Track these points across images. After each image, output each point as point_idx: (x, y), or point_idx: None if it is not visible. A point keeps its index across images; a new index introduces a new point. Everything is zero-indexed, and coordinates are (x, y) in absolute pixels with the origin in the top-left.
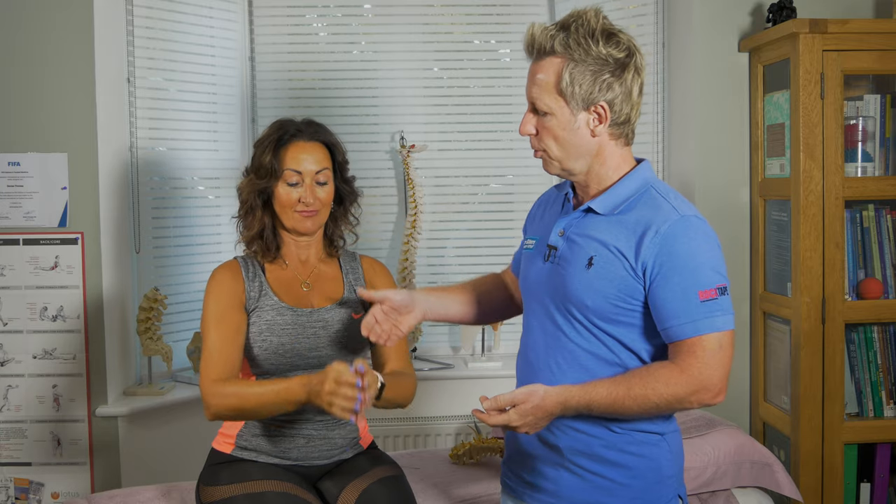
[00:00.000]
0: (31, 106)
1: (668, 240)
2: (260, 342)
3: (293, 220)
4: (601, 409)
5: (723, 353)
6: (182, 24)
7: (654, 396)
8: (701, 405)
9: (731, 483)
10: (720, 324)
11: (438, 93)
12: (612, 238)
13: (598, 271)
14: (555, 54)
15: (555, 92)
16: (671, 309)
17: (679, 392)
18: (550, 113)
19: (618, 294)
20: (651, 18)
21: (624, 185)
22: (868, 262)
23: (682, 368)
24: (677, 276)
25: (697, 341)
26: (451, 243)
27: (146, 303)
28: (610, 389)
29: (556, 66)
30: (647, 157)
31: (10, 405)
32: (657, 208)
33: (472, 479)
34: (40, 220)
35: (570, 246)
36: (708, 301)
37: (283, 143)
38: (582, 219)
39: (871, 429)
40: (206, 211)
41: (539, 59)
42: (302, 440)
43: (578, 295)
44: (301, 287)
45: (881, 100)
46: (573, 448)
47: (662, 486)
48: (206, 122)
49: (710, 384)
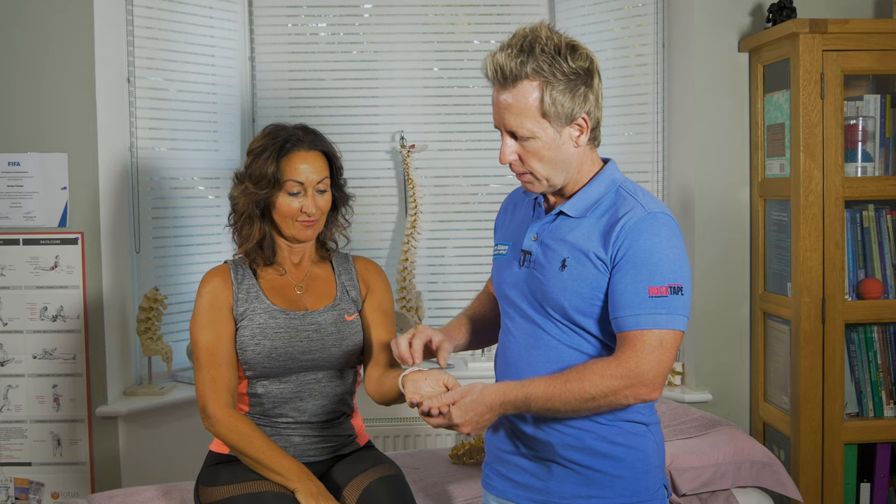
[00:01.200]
0: (31, 106)
1: (633, 234)
2: (253, 346)
3: (294, 230)
4: (539, 404)
5: (662, 350)
6: (182, 24)
7: (590, 388)
8: (637, 400)
9: (731, 483)
10: (663, 321)
11: (438, 93)
12: (583, 240)
13: (571, 272)
14: (528, 78)
15: (538, 115)
16: (620, 300)
17: (615, 384)
18: (533, 137)
19: (590, 292)
20: (651, 18)
21: (593, 187)
22: (868, 262)
23: (619, 361)
24: (633, 269)
25: (639, 335)
26: (451, 243)
27: (146, 303)
28: (547, 383)
29: (533, 89)
30: (646, 158)
31: (10, 405)
32: (625, 205)
33: (472, 479)
34: (40, 220)
35: (545, 250)
36: (656, 297)
37: (284, 152)
38: (554, 222)
39: (871, 429)
40: (206, 211)
41: (510, 86)
42: (298, 438)
43: (555, 296)
44: (295, 290)
45: (881, 100)
46: (565, 443)
47: (650, 476)
48: (205, 121)
49: (646, 379)
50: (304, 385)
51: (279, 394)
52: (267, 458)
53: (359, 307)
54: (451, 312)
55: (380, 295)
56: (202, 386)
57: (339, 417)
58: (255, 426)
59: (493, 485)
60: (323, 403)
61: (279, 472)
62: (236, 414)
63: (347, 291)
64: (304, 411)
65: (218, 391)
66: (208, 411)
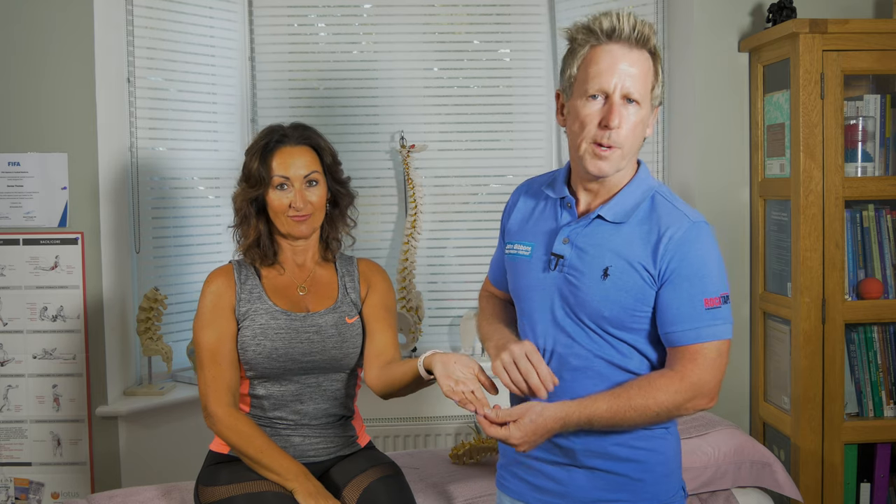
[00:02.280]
0: (31, 106)
1: (683, 246)
2: (254, 346)
3: (287, 226)
4: (602, 423)
5: (720, 360)
6: (182, 24)
7: (654, 406)
8: (696, 411)
9: (731, 483)
10: (721, 332)
11: (438, 93)
12: (627, 247)
13: (616, 282)
14: (648, 50)
15: (648, 88)
16: (676, 314)
17: (678, 399)
18: (639, 104)
19: (634, 303)
20: (651, 19)
21: (630, 191)
22: (868, 262)
23: (681, 376)
24: (686, 282)
25: (699, 348)
26: (451, 243)
27: (146, 303)
28: (610, 403)
29: (649, 62)
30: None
31: (10, 405)
32: (668, 214)
33: (472, 479)
34: (40, 220)
35: (580, 255)
36: (712, 309)
37: (269, 149)
38: (589, 226)
39: (871, 429)
40: (206, 211)
41: (637, 48)
42: (298, 439)
43: (595, 305)
44: (297, 291)
45: (881, 100)
46: (588, 450)
47: (670, 478)
48: (205, 122)
49: (707, 390)
50: (305, 387)
51: (280, 395)
52: (266, 458)
53: (359, 309)
54: (451, 312)
55: (381, 292)
56: (204, 385)
57: (340, 420)
58: (256, 426)
59: (508, 486)
60: (323, 406)
61: (277, 472)
62: (237, 413)
63: (348, 293)
64: (305, 413)
65: (219, 390)
66: (210, 410)
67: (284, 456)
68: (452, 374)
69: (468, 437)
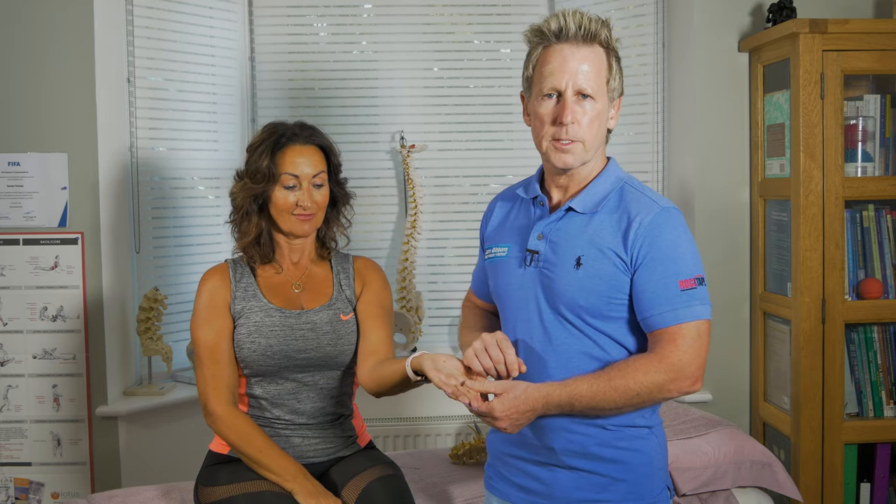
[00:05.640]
0: (31, 106)
1: (653, 230)
2: (248, 343)
3: (290, 224)
4: (584, 404)
5: (700, 341)
6: (182, 24)
7: (634, 385)
8: (680, 393)
9: (731, 483)
10: (699, 312)
11: (438, 93)
12: (598, 236)
13: (589, 270)
14: (599, 43)
15: (603, 81)
16: (652, 298)
17: (658, 379)
18: (595, 99)
19: (609, 290)
20: (651, 18)
21: (599, 183)
22: (868, 262)
23: (661, 357)
24: (660, 265)
25: (677, 329)
26: (451, 243)
27: (146, 303)
28: (591, 383)
29: (602, 56)
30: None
31: (10, 405)
32: (637, 202)
33: (472, 479)
34: (40, 220)
35: (554, 248)
36: (688, 290)
37: (279, 146)
38: (561, 220)
39: (871, 429)
40: (206, 211)
41: (587, 44)
42: (298, 439)
43: (570, 294)
44: (292, 289)
45: (881, 100)
46: (567, 449)
47: (653, 478)
48: (205, 122)
49: (689, 371)
50: (301, 385)
51: (276, 394)
52: (265, 457)
53: (354, 306)
54: (451, 312)
55: (376, 289)
56: (203, 383)
57: (339, 419)
58: (256, 425)
59: (495, 486)
60: (321, 405)
61: (276, 472)
62: (237, 412)
63: (343, 290)
64: (302, 413)
65: (219, 388)
66: (209, 408)
67: (284, 456)
68: (442, 370)
69: (468, 437)
